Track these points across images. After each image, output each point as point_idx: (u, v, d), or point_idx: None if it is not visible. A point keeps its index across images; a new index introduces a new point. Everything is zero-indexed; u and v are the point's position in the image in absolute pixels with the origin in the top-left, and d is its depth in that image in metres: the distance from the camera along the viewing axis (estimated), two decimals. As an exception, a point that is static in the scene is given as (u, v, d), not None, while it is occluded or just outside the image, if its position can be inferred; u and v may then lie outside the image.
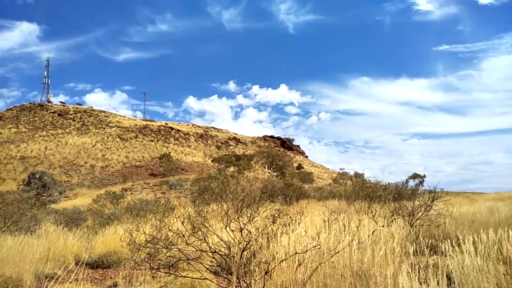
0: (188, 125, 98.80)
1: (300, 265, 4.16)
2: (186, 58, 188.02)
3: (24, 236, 8.30)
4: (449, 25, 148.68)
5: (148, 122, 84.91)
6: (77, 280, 6.19)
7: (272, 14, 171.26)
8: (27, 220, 10.08)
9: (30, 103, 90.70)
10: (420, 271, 3.64)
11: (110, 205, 18.01)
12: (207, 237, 4.77)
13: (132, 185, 36.09)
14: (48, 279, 6.78)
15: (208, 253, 4.60)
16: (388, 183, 17.62)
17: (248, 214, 5.22)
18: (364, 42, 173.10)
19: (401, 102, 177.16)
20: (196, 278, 4.65)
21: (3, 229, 9.12)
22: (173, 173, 42.86)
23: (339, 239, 4.53)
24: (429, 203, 8.63)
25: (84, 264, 8.16)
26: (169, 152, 54.86)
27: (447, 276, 3.73)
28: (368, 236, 4.86)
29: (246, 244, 4.35)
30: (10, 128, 71.52)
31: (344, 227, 5.64)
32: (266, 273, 4.11)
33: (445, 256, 4.17)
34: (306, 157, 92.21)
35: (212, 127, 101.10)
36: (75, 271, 7.25)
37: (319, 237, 4.61)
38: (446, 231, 7.64)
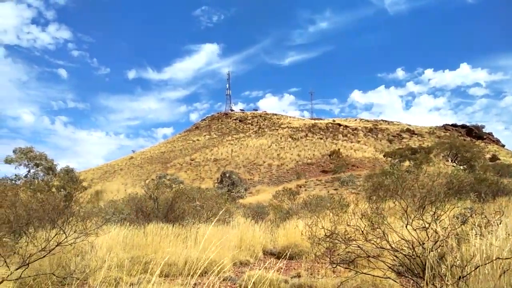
0: (355, 120, 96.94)
1: (505, 272, 3.53)
2: (348, 51, 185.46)
3: (221, 227, 9.74)
4: None
5: (316, 121, 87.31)
6: (266, 269, 6.82)
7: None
8: (223, 213, 11.79)
9: (218, 113, 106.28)
10: None
11: (287, 200, 19.32)
12: (387, 235, 4.59)
13: (305, 182, 37.77)
14: (242, 265, 7.78)
15: (390, 251, 4.41)
16: None
17: (432, 213, 4.76)
18: None
19: None
20: (378, 277, 4.53)
21: (206, 220, 10.95)
22: (344, 170, 42.78)
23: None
24: None
25: (270, 254, 9.04)
26: (339, 149, 54.98)
27: None
28: None
29: (433, 245, 3.98)
30: (205, 135, 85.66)
31: None
32: (460, 278, 3.66)
33: None
34: (503, 146, 77.21)
35: (381, 120, 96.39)
36: (263, 260, 8.10)
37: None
38: None
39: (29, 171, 20.47)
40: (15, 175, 19.61)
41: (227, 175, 34.22)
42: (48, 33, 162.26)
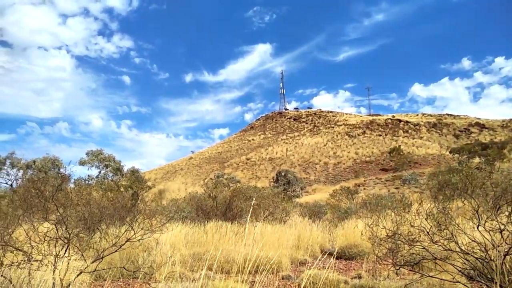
0: (417, 115, 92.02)
1: None
2: (407, 43, 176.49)
3: (279, 225, 9.77)
4: None
5: (374, 117, 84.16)
6: (325, 268, 6.72)
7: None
8: (280, 212, 11.83)
9: (272, 112, 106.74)
10: None
11: (345, 200, 18.87)
12: (456, 236, 4.29)
13: (364, 181, 36.60)
14: (300, 264, 7.74)
15: (459, 254, 4.12)
16: None
17: (507, 213, 4.37)
18: None
19: None
20: (447, 280, 4.25)
21: (263, 219, 11.06)
22: (405, 167, 40.79)
23: None
24: None
25: (328, 254, 8.89)
26: (399, 146, 52.49)
27: None
28: None
29: (510, 248, 3.65)
30: (259, 135, 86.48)
31: None
32: (542, 285, 3.32)
33: None
34: None
35: (446, 114, 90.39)
36: (321, 260, 7.99)
37: None
38: None
39: (100, 172, 22.17)
40: (88, 175, 21.36)
41: (283, 174, 34.24)
42: (112, 43, 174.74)
